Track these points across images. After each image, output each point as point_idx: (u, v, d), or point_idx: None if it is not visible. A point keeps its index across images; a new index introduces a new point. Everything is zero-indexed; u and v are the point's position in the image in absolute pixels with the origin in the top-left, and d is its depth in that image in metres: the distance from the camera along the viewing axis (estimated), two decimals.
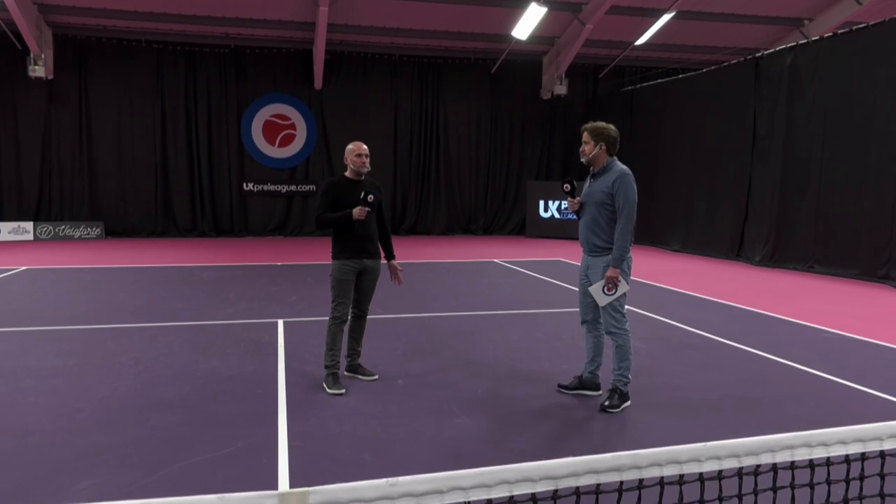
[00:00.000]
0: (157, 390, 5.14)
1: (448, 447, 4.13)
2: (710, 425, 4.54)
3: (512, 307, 8.75)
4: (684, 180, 16.15)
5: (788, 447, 1.79)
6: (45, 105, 17.81)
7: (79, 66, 17.92)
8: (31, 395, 5.00)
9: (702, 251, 15.35)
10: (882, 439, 1.87)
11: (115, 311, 8.19)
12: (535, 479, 1.59)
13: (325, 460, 3.91)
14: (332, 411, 4.73)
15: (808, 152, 12.52)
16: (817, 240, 12.29)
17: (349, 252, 5.23)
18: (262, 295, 9.47)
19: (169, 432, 4.29)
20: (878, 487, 2.23)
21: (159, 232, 18.76)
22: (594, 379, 5.16)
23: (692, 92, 16.04)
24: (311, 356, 6.14)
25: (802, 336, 7.22)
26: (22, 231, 17.39)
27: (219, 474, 3.70)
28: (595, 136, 4.87)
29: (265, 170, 19.46)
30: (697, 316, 8.23)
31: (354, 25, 17.89)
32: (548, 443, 4.21)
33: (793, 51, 13.03)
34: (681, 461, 1.71)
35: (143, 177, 18.58)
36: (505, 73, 20.27)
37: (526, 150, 20.92)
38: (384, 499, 1.47)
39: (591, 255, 4.93)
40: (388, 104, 19.95)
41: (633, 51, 19.87)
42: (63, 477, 3.63)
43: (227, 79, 18.87)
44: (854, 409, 4.88)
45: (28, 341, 6.66)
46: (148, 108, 18.47)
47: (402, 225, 20.26)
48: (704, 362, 6.14)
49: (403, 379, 5.53)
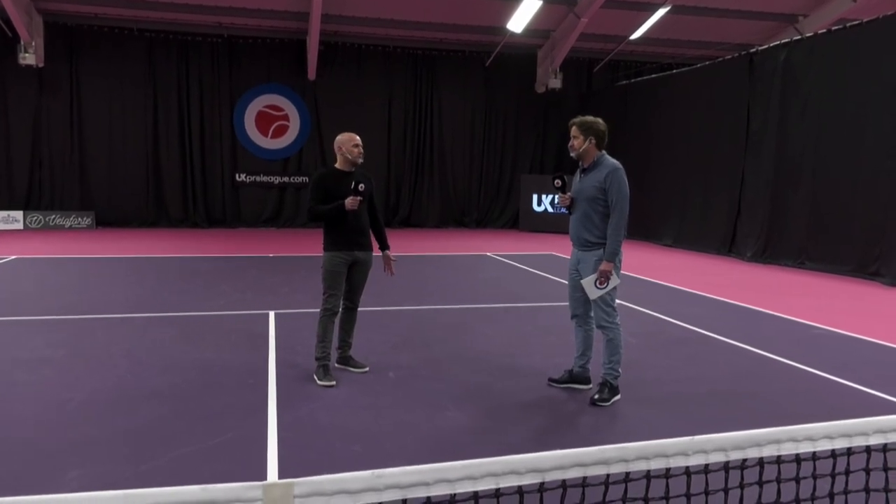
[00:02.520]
0: (148, 381, 5.12)
1: (438, 440, 4.13)
2: (698, 419, 4.56)
3: (504, 300, 8.75)
4: (677, 176, 16.17)
5: (775, 441, 1.80)
6: (35, 93, 17.63)
7: (70, 54, 17.74)
8: (20, 385, 4.97)
9: (694, 246, 15.38)
10: (868, 434, 1.88)
11: (105, 302, 8.16)
12: (521, 471, 1.59)
13: (315, 452, 3.91)
14: (322, 403, 4.72)
15: (802, 148, 12.54)
16: (809, 236, 12.34)
17: (340, 244, 5.21)
18: (253, 286, 9.44)
19: (158, 423, 4.28)
20: (864, 482, 2.25)
21: (151, 222, 18.64)
22: (585, 373, 5.17)
23: (686, 87, 16.04)
24: (302, 348, 6.13)
25: (792, 332, 7.26)
26: (11, 220, 17.26)
27: (208, 465, 3.69)
28: (584, 130, 4.85)
29: (258, 161, 19.36)
30: (688, 311, 8.26)
31: (349, 16, 17.79)
32: (537, 436, 4.23)
33: (787, 47, 13.05)
34: (668, 455, 1.71)
35: (134, 166, 18.44)
36: (499, 66, 20.20)
37: (520, 144, 20.89)
38: (370, 490, 1.47)
39: (582, 249, 4.92)
40: (382, 96, 19.87)
41: (627, 45, 19.86)
42: (51, 468, 3.62)
43: (220, 69, 18.73)
44: (842, 405, 4.91)
45: (17, 331, 6.62)
46: (140, 97, 18.32)
47: (395, 217, 20.22)
48: (694, 357, 6.17)
49: (394, 371, 5.53)
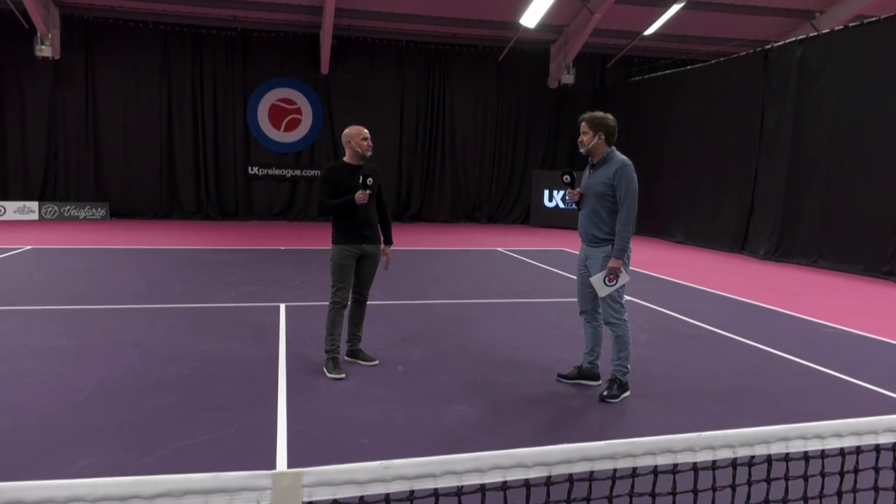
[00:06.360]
0: (157, 371, 5.16)
1: (447, 433, 4.14)
2: (707, 416, 4.54)
3: (514, 296, 8.75)
4: (690, 172, 16.07)
5: (783, 439, 1.79)
6: (51, 85, 17.78)
7: (86, 46, 17.86)
8: (31, 374, 5.03)
9: (705, 244, 15.30)
10: (878, 433, 1.87)
11: (117, 292, 8.22)
12: (528, 464, 1.59)
13: (323, 444, 3.93)
14: (331, 395, 4.75)
15: (816, 146, 12.43)
16: (822, 234, 12.24)
17: (349, 237, 5.22)
18: (264, 279, 9.48)
19: (167, 413, 4.32)
20: (873, 481, 2.23)
21: (164, 214, 18.77)
22: (594, 369, 5.17)
23: (700, 83, 15.93)
24: (312, 340, 6.15)
25: (804, 330, 7.21)
26: (27, 211, 17.42)
27: (216, 455, 3.72)
28: (594, 126, 4.83)
29: (270, 154, 19.43)
30: (698, 308, 8.22)
31: (362, 10, 17.79)
32: (545, 431, 4.23)
33: (802, 43, 12.92)
34: (675, 450, 1.71)
35: (148, 159, 18.57)
36: (512, 62, 20.14)
37: (531, 139, 20.83)
38: (378, 481, 1.48)
39: (590, 245, 4.91)
40: (394, 90, 19.87)
41: (641, 41, 19.73)
42: (61, 456, 3.66)
43: (234, 62, 18.80)
44: (853, 405, 4.87)
45: (31, 320, 6.69)
46: (154, 90, 18.43)
47: (406, 212, 20.23)
48: (704, 354, 6.14)
49: (403, 365, 5.54)
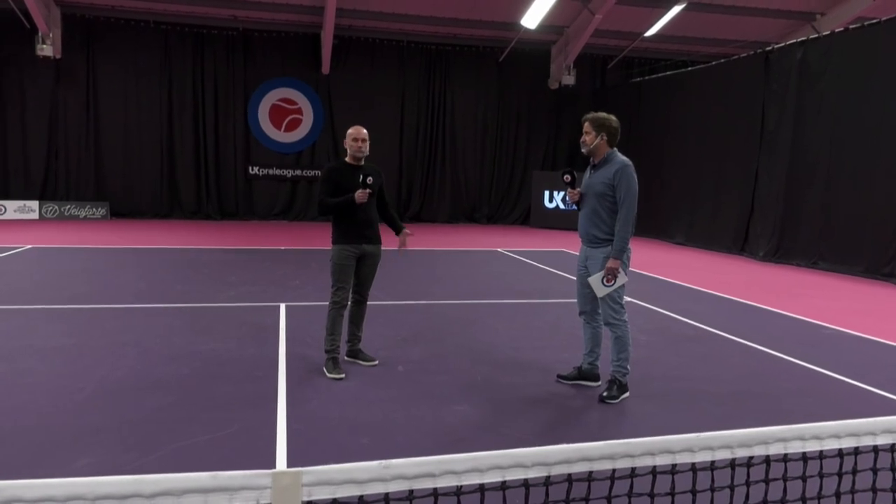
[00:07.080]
0: (157, 371, 5.17)
1: (447, 433, 4.15)
2: (706, 417, 4.55)
3: (514, 296, 8.75)
4: (690, 173, 16.08)
5: (782, 440, 1.80)
6: (52, 84, 17.79)
7: (87, 45, 17.88)
8: (32, 374, 5.03)
9: (705, 245, 15.30)
10: (875, 434, 1.87)
11: (117, 292, 8.23)
12: (527, 464, 1.60)
13: (323, 444, 3.93)
14: (331, 395, 4.75)
15: (817, 148, 12.44)
16: (823, 236, 12.25)
17: (349, 237, 5.24)
18: (264, 279, 9.49)
19: (167, 413, 4.32)
20: (871, 482, 2.24)
21: (164, 214, 18.78)
22: (594, 370, 5.17)
23: (701, 85, 15.94)
24: (312, 340, 6.16)
25: (803, 332, 7.21)
26: (27, 210, 17.43)
27: (216, 455, 3.73)
28: (596, 126, 4.84)
29: (271, 154, 19.45)
30: (698, 309, 8.23)
31: (363, 10, 17.80)
32: (544, 431, 4.23)
33: (803, 45, 12.93)
34: (674, 451, 1.72)
35: (149, 158, 18.59)
36: (513, 62, 20.15)
37: (532, 140, 20.84)
38: (377, 481, 1.48)
39: (590, 246, 4.92)
40: (395, 90, 19.88)
41: (642, 42, 19.74)
42: (61, 455, 3.67)
43: (235, 62, 18.82)
44: (851, 406, 4.88)
45: (31, 319, 6.70)
46: (155, 89, 18.45)
47: (406, 212, 20.23)
48: (704, 355, 6.15)
49: (404, 365, 5.55)
